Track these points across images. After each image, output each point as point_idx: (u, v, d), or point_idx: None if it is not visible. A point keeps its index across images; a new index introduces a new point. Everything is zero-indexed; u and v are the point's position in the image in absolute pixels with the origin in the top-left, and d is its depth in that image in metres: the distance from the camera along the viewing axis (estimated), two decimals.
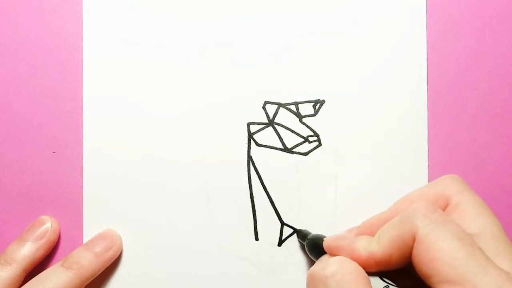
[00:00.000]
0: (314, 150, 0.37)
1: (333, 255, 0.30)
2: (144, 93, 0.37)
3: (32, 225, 0.36)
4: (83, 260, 0.34)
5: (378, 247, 0.28)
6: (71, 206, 0.37)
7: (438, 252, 0.25)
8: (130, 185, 0.37)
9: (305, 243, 0.35)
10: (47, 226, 0.36)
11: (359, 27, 0.37)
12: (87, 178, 0.37)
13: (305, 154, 0.37)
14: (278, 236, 0.37)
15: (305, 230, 0.36)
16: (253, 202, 0.37)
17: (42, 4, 0.37)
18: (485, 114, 0.37)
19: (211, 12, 0.37)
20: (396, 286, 0.28)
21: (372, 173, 0.37)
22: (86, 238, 0.37)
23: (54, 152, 0.37)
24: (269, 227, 0.37)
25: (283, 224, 0.37)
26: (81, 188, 0.37)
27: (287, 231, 0.37)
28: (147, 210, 0.37)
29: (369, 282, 0.27)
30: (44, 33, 0.37)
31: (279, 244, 0.37)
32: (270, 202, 0.37)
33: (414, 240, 0.26)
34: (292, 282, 0.37)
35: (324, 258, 0.31)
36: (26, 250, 0.35)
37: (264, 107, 0.37)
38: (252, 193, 0.37)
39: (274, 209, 0.37)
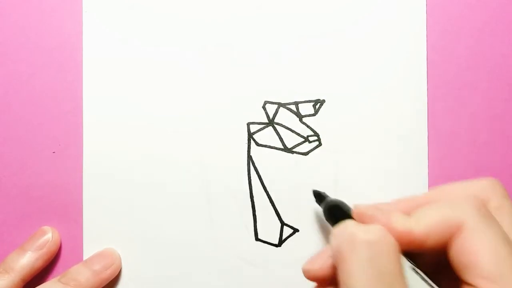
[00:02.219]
0: (314, 150, 0.37)
1: (364, 223, 0.28)
2: (144, 93, 0.37)
3: (33, 235, 0.36)
4: (81, 277, 0.34)
5: (416, 225, 0.27)
6: (70, 206, 0.37)
7: (483, 246, 0.25)
8: (130, 185, 0.37)
9: (323, 205, 0.33)
10: (48, 236, 0.36)
11: (359, 27, 0.37)
12: (87, 178, 0.37)
13: (305, 154, 0.37)
14: (278, 236, 0.37)
15: (322, 192, 0.35)
16: (253, 202, 0.37)
17: (42, 4, 0.37)
18: (485, 114, 0.37)
19: (211, 12, 0.37)
20: (419, 270, 0.27)
21: (372, 173, 0.37)
22: (85, 239, 0.37)
23: (54, 152, 0.37)
24: (269, 227, 0.37)
25: (283, 224, 0.37)
26: (81, 188, 0.37)
27: (287, 231, 0.37)
28: (147, 210, 0.37)
29: (402, 258, 0.26)
30: (44, 33, 0.37)
31: (279, 244, 0.37)
32: (270, 202, 0.37)
33: (458, 228, 0.26)
34: (292, 282, 0.37)
35: (352, 223, 0.28)
36: (25, 260, 0.35)
37: (264, 107, 0.37)
38: (252, 193, 0.37)
39: (274, 209, 0.37)
